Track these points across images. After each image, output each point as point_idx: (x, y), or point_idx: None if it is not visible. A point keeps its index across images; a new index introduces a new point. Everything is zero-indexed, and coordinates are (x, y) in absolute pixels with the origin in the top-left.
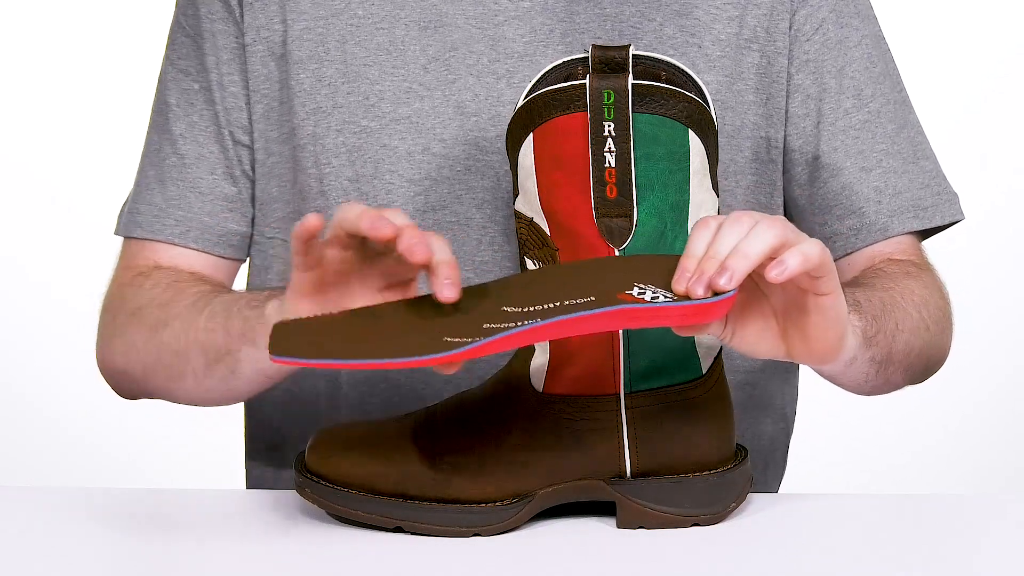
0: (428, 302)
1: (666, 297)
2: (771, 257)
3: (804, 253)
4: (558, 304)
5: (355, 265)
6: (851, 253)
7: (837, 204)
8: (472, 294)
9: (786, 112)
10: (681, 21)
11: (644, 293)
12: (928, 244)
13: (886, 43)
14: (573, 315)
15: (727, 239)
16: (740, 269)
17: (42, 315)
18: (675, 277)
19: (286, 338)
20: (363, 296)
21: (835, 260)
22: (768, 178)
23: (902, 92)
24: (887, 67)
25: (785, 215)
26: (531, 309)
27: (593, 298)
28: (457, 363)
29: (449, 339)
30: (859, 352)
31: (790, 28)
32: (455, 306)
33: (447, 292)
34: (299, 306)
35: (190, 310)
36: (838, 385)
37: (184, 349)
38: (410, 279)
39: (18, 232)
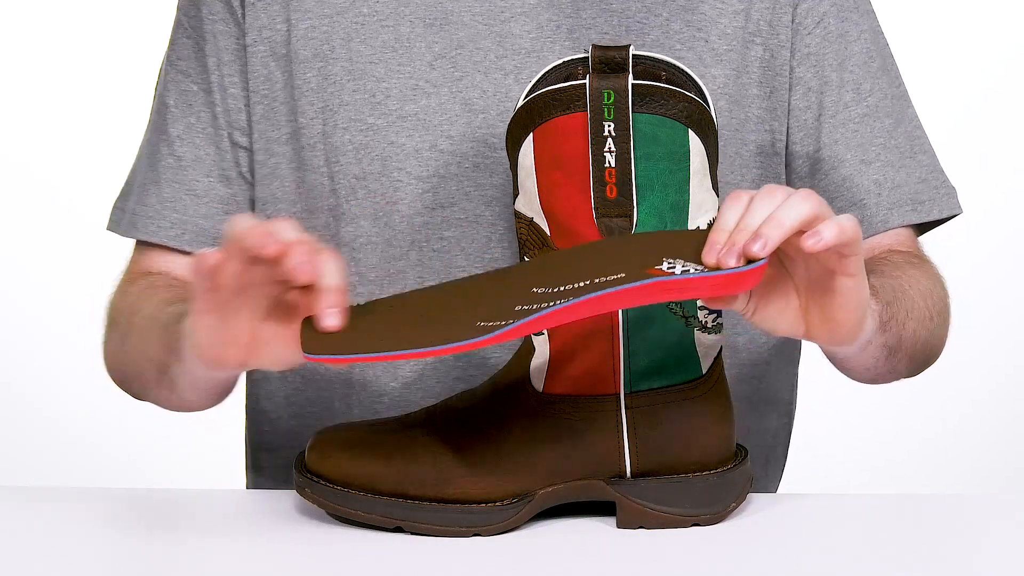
0: (459, 288)
1: (696, 270)
2: (803, 229)
3: (840, 225)
4: (588, 283)
5: (253, 275)
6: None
7: (838, 196)
8: (500, 278)
9: (788, 105)
10: (687, 16)
11: (674, 267)
12: (927, 240)
13: (884, 38)
14: (606, 292)
15: (760, 210)
16: (774, 236)
17: (42, 315)
18: (705, 249)
19: (317, 335)
20: (264, 304)
21: None
22: (773, 171)
23: (900, 87)
24: (885, 62)
25: None
26: (562, 289)
27: (624, 275)
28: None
29: (483, 324)
30: (875, 336)
31: (792, 21)
32: (485, 291)
33: (328, 320)
34: (202, 322)
35: (146, 321)
36: (844, 371)
37: (140, 361)
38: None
39: (18, 232)
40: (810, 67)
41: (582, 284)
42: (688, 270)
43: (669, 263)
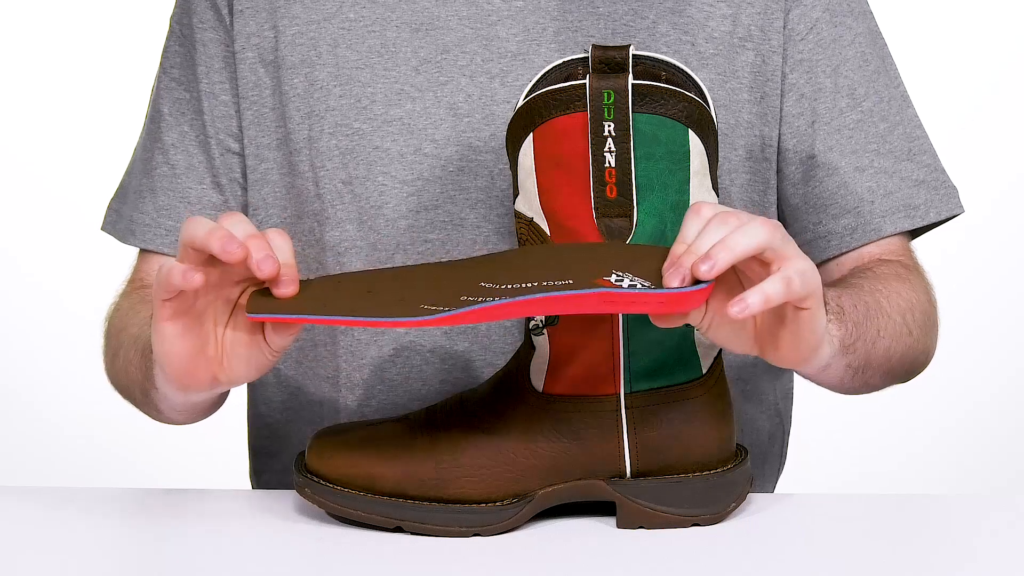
0: (410, 272)
1: (643, 286)
2: (755, 257)
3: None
4: (535, 284)
5: (211, 277)
6: (845, 253)
7: (833, 203)
8: (453, 268)
9: (780, 111)
10: (674, 19)
11: (622, 280)
12: (928, 242)
13: (882, 38)
14: (547, 295)
15: (714, 233)
16: (722, 260)
17: (42, 315)
18: (666, 263)
19: (264, 300)
20: (224, 309)
21: (829, 260)
22: (762, 176)
23: (899, 87)
24: (883, 63)
25: (778, 214)
26: (508, 287)
27: (571, 281)
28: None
29: (426, 307)
30: (834, 359)
31: (784, 27)
32: (435, 278)
33: (285, 288)
34: (166, 332)
35: (129, 342)
36: (816, 383)
37: (126, 382)
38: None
39: (18, 232)
40: (803, 73)
41: (529, 285)
42: (635, 284)
43: (618, 276)
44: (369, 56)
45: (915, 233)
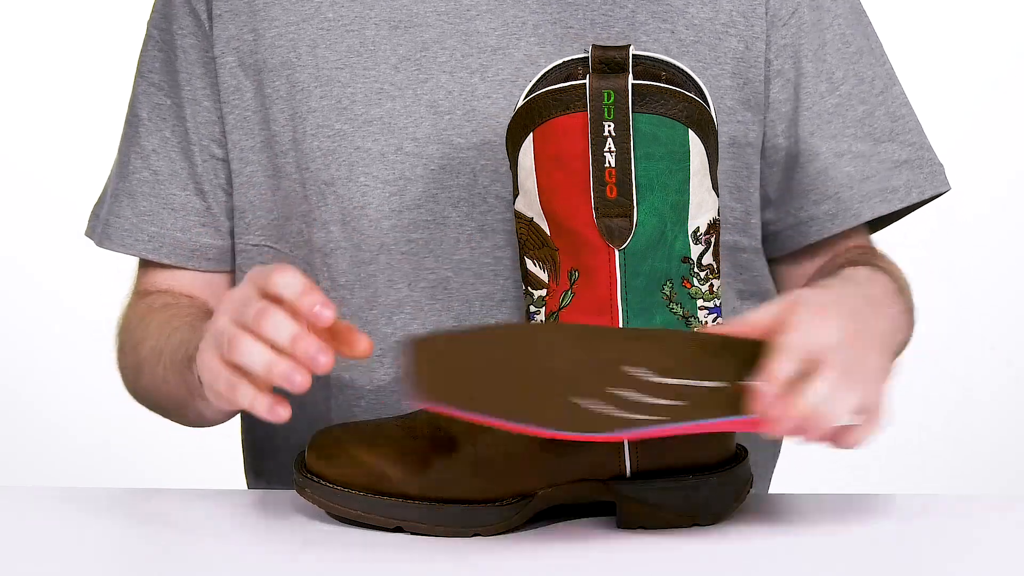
0: (549, 340)
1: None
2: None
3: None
4: (689, 383)
5: None
6: (827, 239)
7: (813, 189)
8: (587, 341)
9: (766, 97)
10: (653, 7)
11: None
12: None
13: (866, 16)
14: (707, 421)
15: (812, 396)
16: (820, 425)
17: (43, 315)
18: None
19: (429, 374)
20: None
21: (809, 245)
22: (745, 161)
23: (884, 65)
24: (866, 42)
25: (761, 199)
26: (660, 381)
27: (726, 384)
28: None
29: (575, 400)
30: None
31: (766, 12)
32: (574, 355)
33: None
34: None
35: (152, 355)
36: None
37: (158, 396)
38: None
39: (18, 232)
40: (787, 59)
41: (686, 383)
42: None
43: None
44: (348, 56)
45: (906, 212)
